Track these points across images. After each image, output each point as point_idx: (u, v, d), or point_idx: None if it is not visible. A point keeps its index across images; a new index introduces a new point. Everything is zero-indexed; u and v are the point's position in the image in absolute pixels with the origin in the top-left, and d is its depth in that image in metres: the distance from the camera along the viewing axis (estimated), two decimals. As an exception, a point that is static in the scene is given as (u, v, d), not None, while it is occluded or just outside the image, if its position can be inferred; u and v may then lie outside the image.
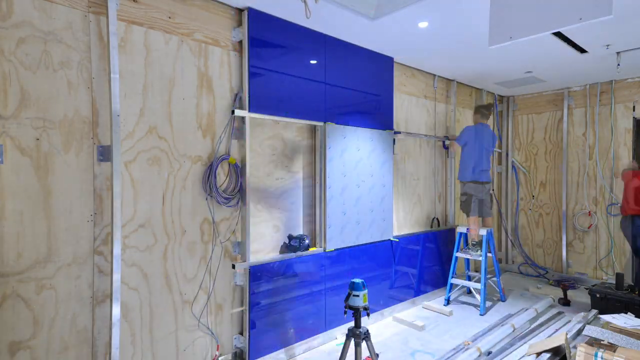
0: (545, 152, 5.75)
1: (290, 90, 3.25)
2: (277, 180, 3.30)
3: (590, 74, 4.78)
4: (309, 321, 3.40)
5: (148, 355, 2.55)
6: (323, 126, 3.50)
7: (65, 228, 2.22)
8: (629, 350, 2.57)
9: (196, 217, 2.77)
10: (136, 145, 2.48)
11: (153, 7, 2.54)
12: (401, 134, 4.33)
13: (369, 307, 2.68)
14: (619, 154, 5.04)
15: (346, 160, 3.67)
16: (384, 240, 4.10)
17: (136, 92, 2.47)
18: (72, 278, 2.25)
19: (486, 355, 3.20)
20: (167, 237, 2.63)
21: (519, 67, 4.53)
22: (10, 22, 2.04)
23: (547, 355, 2.81)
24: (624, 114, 5.00)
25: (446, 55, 4.07)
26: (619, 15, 3.01)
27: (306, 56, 3.36)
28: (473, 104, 5.55)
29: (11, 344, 2.06)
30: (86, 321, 2.31)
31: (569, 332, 3.21)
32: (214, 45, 2.85)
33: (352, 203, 3.74)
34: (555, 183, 5.65)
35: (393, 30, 3.37)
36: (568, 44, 3.66)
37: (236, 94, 2.97)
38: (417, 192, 4.75)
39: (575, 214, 5.41)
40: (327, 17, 3.09)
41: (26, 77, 2.09)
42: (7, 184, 2.04)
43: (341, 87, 3.65)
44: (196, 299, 2.78)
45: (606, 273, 5.12)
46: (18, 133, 2.06)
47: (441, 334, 3.73)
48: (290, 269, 3.25)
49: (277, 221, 3.30)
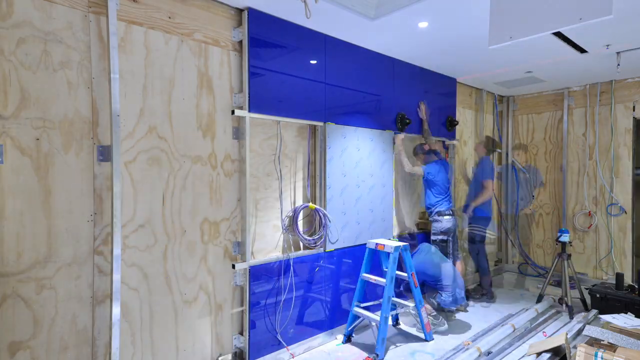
0: (546, 152, 5.75)
1: (290, 90, 3.25)
2: (276, 180, 3.30)
3: (590, 74, 4.78)
4: (309, 321, 3.40)
5: (148, 355, 2.55)
6: (323, 126, 3.50)
7: (65, 228, 2.22)
8: (629, 350, 2.57)
9: (196, 217, 2.77)
10: (136, 145, 2.48)
11: (153, 7, 2.54)
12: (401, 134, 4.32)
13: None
14: (619, 154, 5.04)
15: (346, 160, 3.67)
16: (384, 240, 4.10)
17: (136, 92, 2.47)
18: (72, 278, 2.25)
19: (486, 355, 3.20)
20: (167, 237, 2.63)
21: (519, 67, 4.53)
22: (10, 22, 2.04)
23: (547, 355, 2.81)
24: (624, 114, 5.00)
25: (446, 55, 4.07)
26: (619, 15, 3.01)
27: (306, 56, 3.36)
28: (473, 104, 5.56)
29: (11, 344, 2.06)
30: (86, 321, 2.31)
31: (569, 332, 3.21)
32: (214, 45, 2.85)
33: (352, 203, 3.74)
34: (555, 183, 5.65)
35: (393, 30, 3.37)
36: (568, 44, 3.66)
37: (236, 94, 2.97)
38: (418, 192, 4.75)
39: (575, 214, 5.41)
40: (327, 17, 3.10)
41: (26, 77, 2.09)
42: (7, 184, 2.04)
43: (341, 87, 3.65)
44: (196, 299, 2.78)
45: (606, 273, 5.12)
46: (18, 133, 2.06)
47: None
48: (290, 268, 3.25)
49: (276, 221, 3.30)
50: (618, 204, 5.02)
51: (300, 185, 3.49)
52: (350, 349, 3.41)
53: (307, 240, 3.35)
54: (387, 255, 3.50)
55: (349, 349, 3.40)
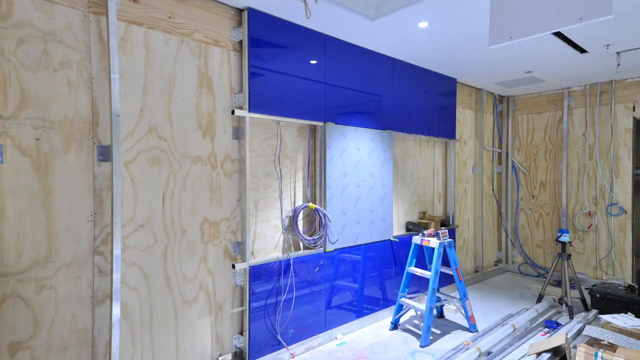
0: (545, 152, 5.75)
1: (290, 90, 3.25)
2: (276, 180, 3.30)
3: (590, 74, 4.78)
4: (309, 321, 3.40)
5: (148, 355, 2.55)
6: (323, 126, 3.50)
7: (65, 228, 2.22)
8: (629, 350, 2.57)
9: (196, 217, 2.77)
10: (136, 146, 2.48)
11: (153, 7, 2.54)
12: (401, 133, 4.32)
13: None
14: (619, 154, 5.04)
15: (346, 160, 3.67)
16: (384, 240, 4.11)
17: (136, 92, 2.47)
18: (72, 278, 2.25)
19: (486, 355, 3.20)
20: (167, 237, 2.63)
21: (519, 67, 4.53)
22: (10, 22, 2.04)
23: (547, 355, 2.81)
24: (624, 114, 5.00)
25: (446, 55, 4.07)
26: (619, 15, 3.01)
27: (306, 56, 3.36)
28: (473, 104, 5.56)
29: (11, 344, 2.06)
30: (86, 321, 2.31)
31: (569, 332, 3.21)
32: (214, 45, 2.85)
33: (352, 203, 3.74)
34: (555, 183, 5.65)
35: (393, 30, 3.37)
36: (568, 44, 3.66)
37: (236, 94, 2.97)
38: (417, 192, 4.75)
39: (575, 214, 5.41)
40: (327, 17, 3.10)
41: (26, 77, 2.09)
42: (7, 184, 2.04)
43: (341, 87, 3.65)
44: (196, 299, 2.78)
45: (606, 273, 5.12)
46: (18, 133, 2.06)
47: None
48: (290, 268, 3.25)
49: (277, 221, 3.30)
50: (618, 204, 5.02)
51: (300, 185, 3.49)
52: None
53: (307, 240, 3.35)
54: (431, 250, 3.92)
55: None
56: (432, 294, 3.52)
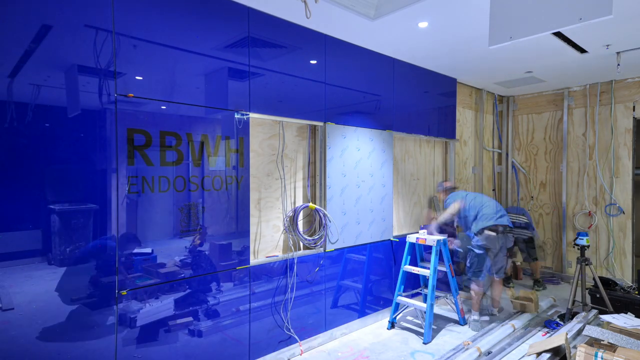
0: (545, 152, 5.75)
1: (291, 90, 3.25)
2: (276, 180, 3.30)
3: (590, 74, 4.78)
4: (309, 321, 3.40)
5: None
6: (323, 126, 3.50)
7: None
8: (629, 350, 2.57)
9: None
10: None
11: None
12: (401, 133, 4.33)
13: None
14: (619, 154, 5.04)
15: (346, 160, 3.67)
16: (384, 240, 4.11)
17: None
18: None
19: (486, 355, 3.20)
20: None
21: (519, 67, 4.53)
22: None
23: (547, 355, 2.81)
24: (624, 114, 5.00)
25: (446, 55, 4.07)
26: (619, 15, 3.01)
27: (306, 56, 3.36)
28: (473, 104, 5.56)
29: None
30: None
31: (569, 332, 3.21)
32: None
33: (352, 203, 3.74)
34: (555, 183, 5.65)
35: (393, 30, 3.37)
36: (568, 44, 3.66)
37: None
38: (417, 192, 4.75)
39: (575, 214, 5.41)
40: (327, 17, 3.09)
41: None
42: None
43: (341, 87, 3.65)
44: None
45: (608, 272, 5.12)
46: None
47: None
48: (290, 269, 3.25)
49: (277, 221, 3.30)
50: (617, 204, 5.02)
51: (300, 185, 3.49)
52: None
53: (307, 240, 3.35)
54: (426, 248, 4.11)
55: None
56: (432, 291, 3.59)
